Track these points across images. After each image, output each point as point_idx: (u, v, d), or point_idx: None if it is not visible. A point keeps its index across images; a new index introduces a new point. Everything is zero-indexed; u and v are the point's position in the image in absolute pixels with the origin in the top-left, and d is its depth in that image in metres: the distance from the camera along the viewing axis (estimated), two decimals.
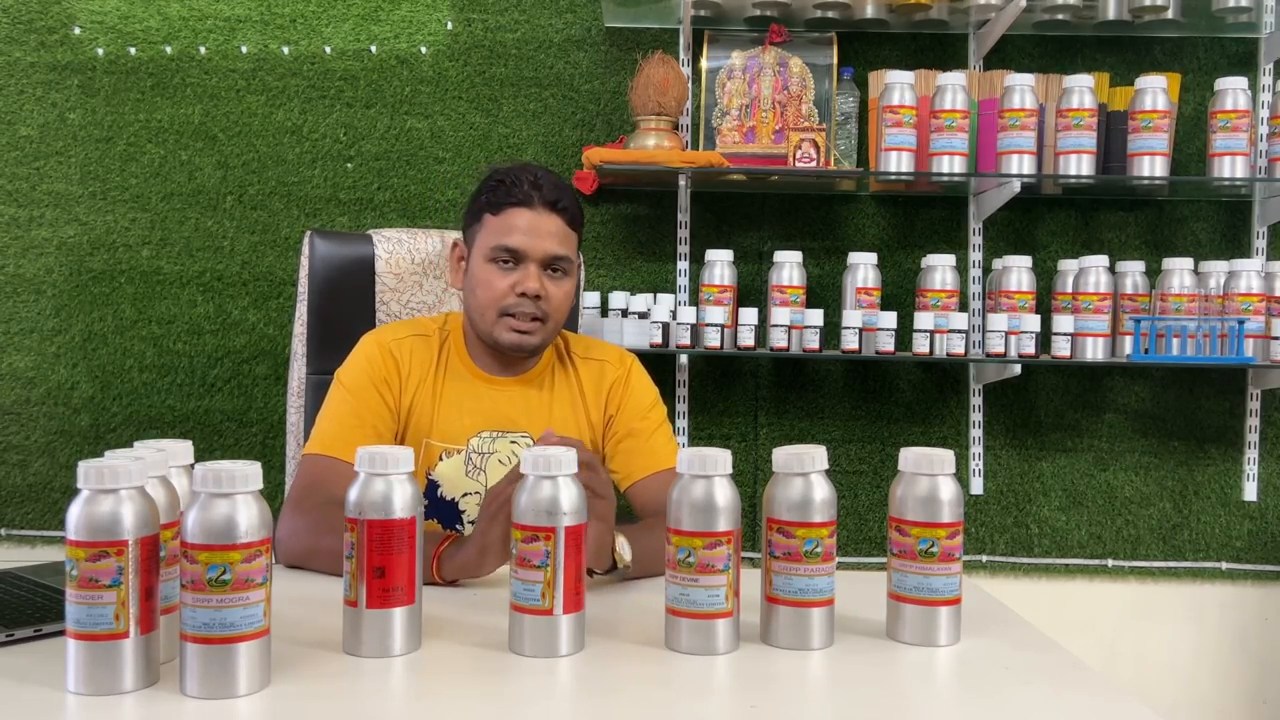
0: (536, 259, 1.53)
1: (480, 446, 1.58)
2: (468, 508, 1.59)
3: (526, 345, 1.54)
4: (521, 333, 1.53)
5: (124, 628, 0.91)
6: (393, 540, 1.02)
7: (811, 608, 1.07)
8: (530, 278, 1.52)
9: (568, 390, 1.63)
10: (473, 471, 1.58)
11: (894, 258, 2.54)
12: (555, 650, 1.03)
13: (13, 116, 2.51)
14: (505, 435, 1.59)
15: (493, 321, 1.54)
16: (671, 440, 1.63)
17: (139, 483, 0.93)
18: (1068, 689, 1.00)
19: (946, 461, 1.09)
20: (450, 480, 1.58)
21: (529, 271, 1.52)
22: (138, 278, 2.52)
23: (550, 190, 1.54)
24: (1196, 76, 2.51)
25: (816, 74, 2.50)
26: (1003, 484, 2.56)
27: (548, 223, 1.53)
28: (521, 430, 1.60)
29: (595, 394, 1.63)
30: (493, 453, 1.58)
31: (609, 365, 1.64)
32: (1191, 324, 2.28)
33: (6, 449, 2.53)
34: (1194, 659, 2.57)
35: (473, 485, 1.58)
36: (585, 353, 1.66)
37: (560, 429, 1.59)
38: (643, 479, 1.57)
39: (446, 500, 1.59)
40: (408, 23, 2.52)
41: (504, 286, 1.52)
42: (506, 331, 1.53)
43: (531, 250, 1.52)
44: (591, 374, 1.64)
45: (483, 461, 1.58)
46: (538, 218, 1.53)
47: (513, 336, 1.53)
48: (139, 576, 0.91)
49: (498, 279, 1.53)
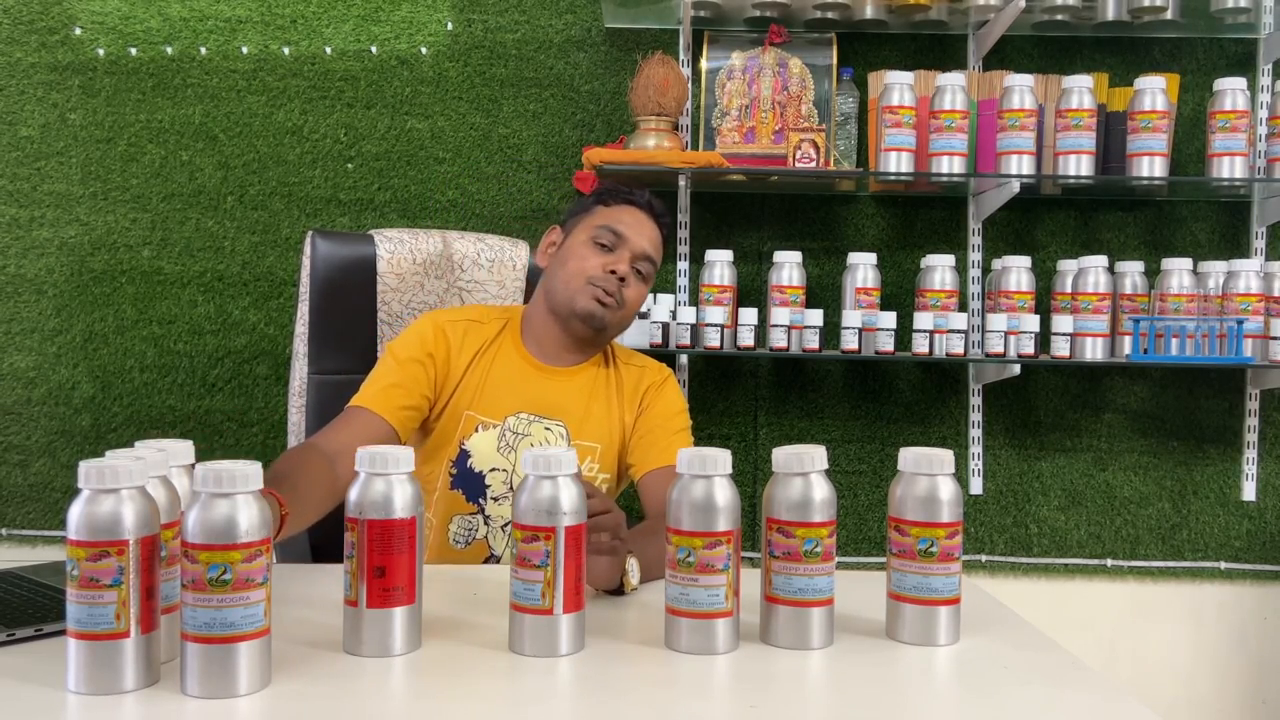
0: (633, 249, 1.65)
1: (516, 426, 1.64)
2: (493, 483, 1.63)
3: (598, 316, 1.62)
4: (600, 302, 1.62)
5: (125, 627, 0.91)
6: (393, 540, 1.02)
7: (811, 607, 1.07)
8: (623, 261, 1.64)
9: (607, 390, 1.70)
10: (504, 449, 1.63)
11: (893, 258, 2.55)
12: (555, 650, 1.04)
13: (14, 117, 2.52)
14: (541, 420, 1.64)
15: (577, 289, 1.63)
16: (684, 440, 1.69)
17: (139, 482, 0.93)
18: (1067, 688, 1.00)
19: (946, 461, 1.10)
20: (482, 453, 1.63)
21: (623, 256, 1.65)
22: (139, 278, 2.52)
23: (658, 208, 1.72)
24: (1195, 77, 2.51)
25: (816, 74, 2.51)
26: (1002, 484, 2.56)
27: (649, 227, 1.69)
28: (557, 418, 1.65)
29: (632, 396, 1.70)
30: (527, 434, 1.64)
31: (649, 371, 1.74)
32: (1190, 324, 2.28)
33: (7, 449, 2.53)
34: (1193, 659, 2.58)
35: (503, 462, 1.63)
36: (628, 360, 1.76)
37: (595, 426, 1.66)
38: (653, 470, 1.63)
39: (475, 472, 1.63)
40: (408, 23, 2.52)
41: (597, 261, 1.64)
42: (587, 298, 1.62)
43: (632, 239, 1.66)
44: (632, 377, 1.72)
45: (515, 441, 1.63)
46: (643, 221, 1.69)
47: (591, 304, 1.62)
48: (140, 576, 0.91)
49: (594, 255, 1.65)
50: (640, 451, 1.66)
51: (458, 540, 1.62)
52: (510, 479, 1.63)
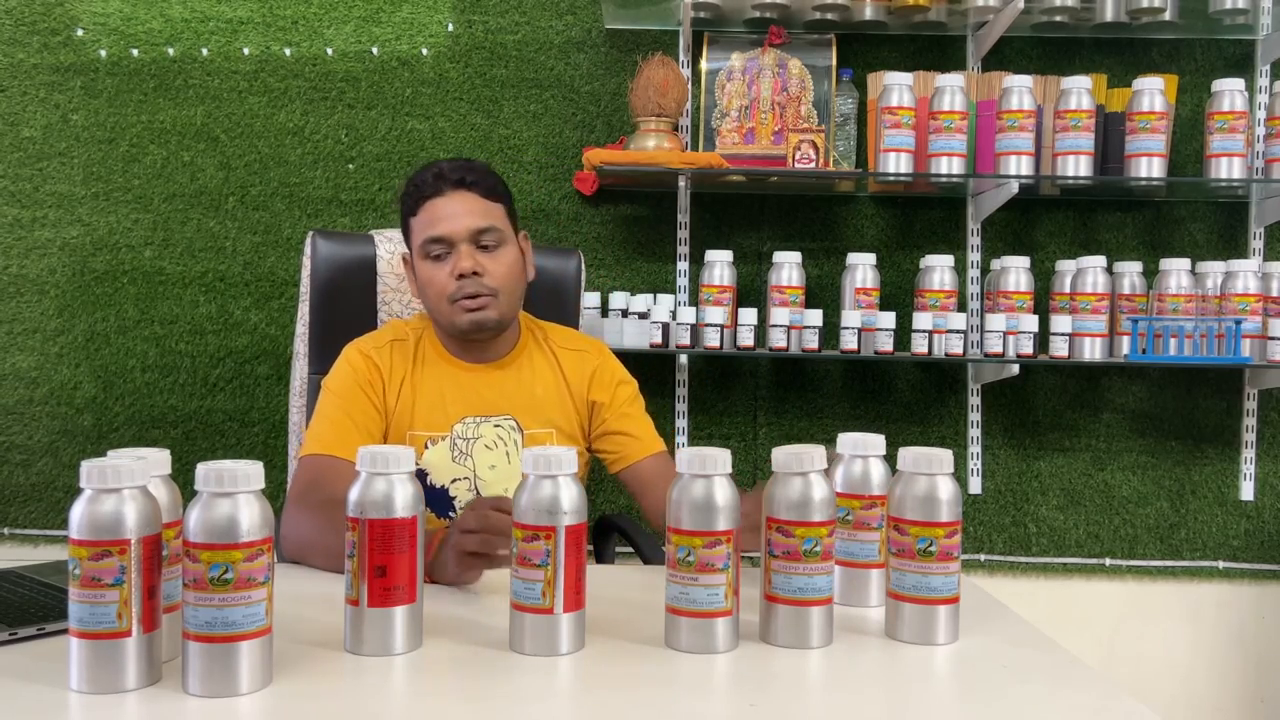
0: (462, 239, 1.58)
1: (465, 432, 1.62)
2: (458, 493, 1.62)
3: (485, 322, 1.59)
4: (473, 311, 1.58)
5: (126, 626, 0.91)
6: (394, 539, 1.03)
7: (810, 606, 1.08)
8: (462, 257, 1.57)
9: (549, 373, 1.69)
10: (459, 456, 1.62)
11: (893, 258, 2.55)
12: (555, 649, 1.04)
13: (16, 118, 2.52)
14: (489, 419, 1.63)
15: (448, 313, 1.59)
16: (648, 420, 1.72)
17: (141, 482, 0.93)
18: (1065, 687, 1.01)
19: (945, 461, 1.10)
20: (438, 467, 1.61)
21: (460, 252, 1.58)
22: (140, 278, 2.53)
23: (453, 171, 1.60)
24: (1194, 78, 2.52)
25: (815, 75, 2.51)
26: (1001, 483, 2.56)
27: (460, 202, 1.59)
28: (504, 413, 1.64)
29: (579, 381, 1.70)
30: (478, 437, 1.62)
31: (588, 355, 1.73)
32: (1189, 324, 2.28)
33: (10, 449, 2.53)
34: (1191, 657, 2.58)
35: (461, 470, 1.62)
36: (564, 342, 1.74)
37: (542, 408, 1.66)
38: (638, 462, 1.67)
39: (437, 488, 1.62)
40: (409, 24, 2.53)
41: (443, 275, 1.58)
42: (461, 315, 1.58)
43: (454, 232, 1.57)
44: (573, 362, 1.71)
45: (468, 446, 1.62)
46: (449, 201, 1.59)
47: (467, 318, 1.58)
48: (141, 575, 0.92)
49: (436, 272, 1.59)
50: (616, 443, 1.68)
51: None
52: (474, 483, 1.62)
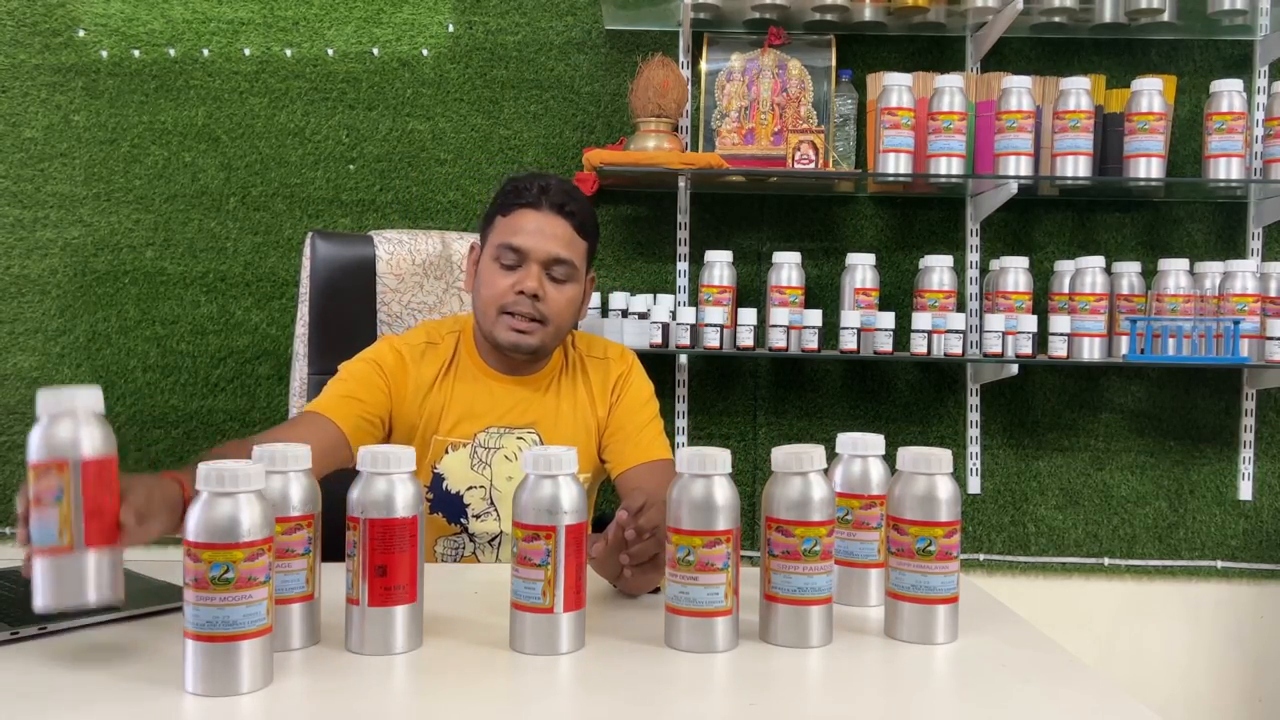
0: (538, 259, 1.55)
1: (487, 441, 1.61)
2: (472, 501, 1.61)
3: (524, 345, 1.56)
4: (519, 331, 1.55)
5: (68, 542, 0.95)
6: (394, 539, 1.03)
7: (810, 606, 1.08)
8: (530, 277, 1.54)
9: (575, 392, 1.66)
10: (478, 465, 1.60)
11: (892, 258, 2.55)
12: (556, 648, 1.04)
13: (17, 118, 2.52)
14: (512, 431, 1.62)
15: (493, 320, 1.56)
16: (661, 435, 1.66)
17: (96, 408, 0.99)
18: (1064, 686, 1.01)
19: (944, 461, 1.11)
20: (455, 473, 1.60)
21: (530, 271, 1.55)
22: (141, 278, 2.53)
23: (557, 194, 1.57)
24: (1192, 79, 2.52)
25: (815, 76, 2.51)
26: (1000, 483, 2.57)
27: (552, 225, 1.56)
28: (529, 426, 1.62)
29: (602, 391, 1.66)
30: (499, 448, 1.61)
31: (613, 363, 1.68)
32: (1187, 324, 2.29)
33: (11, 448, 2.54)
34: (1189, 657, 2.58)
35: (478, 479, 1.60)
36: (589, 350, 1.70)
37: (567, 429, 1.63)
38: (632, 468, 1.61)
39: (451, 493, 1.61)
40: (409, 25, 2.53)
41: (505, 285, 1.55)
42: (505, 330, 1.56)
43: (534, 250, 1.55)
44: (598, 371, 1.67)
45: (488, 455, 1.60)
46: (543, 219, 1.56)
47: (511, 335, 1.56)
48: (81, 497, 0.96)
49: (500, 278, 1.56)
50: (615, 448, 1.63)
51: (445, 559, 1.63)
52: (489, 493, 1.61)
